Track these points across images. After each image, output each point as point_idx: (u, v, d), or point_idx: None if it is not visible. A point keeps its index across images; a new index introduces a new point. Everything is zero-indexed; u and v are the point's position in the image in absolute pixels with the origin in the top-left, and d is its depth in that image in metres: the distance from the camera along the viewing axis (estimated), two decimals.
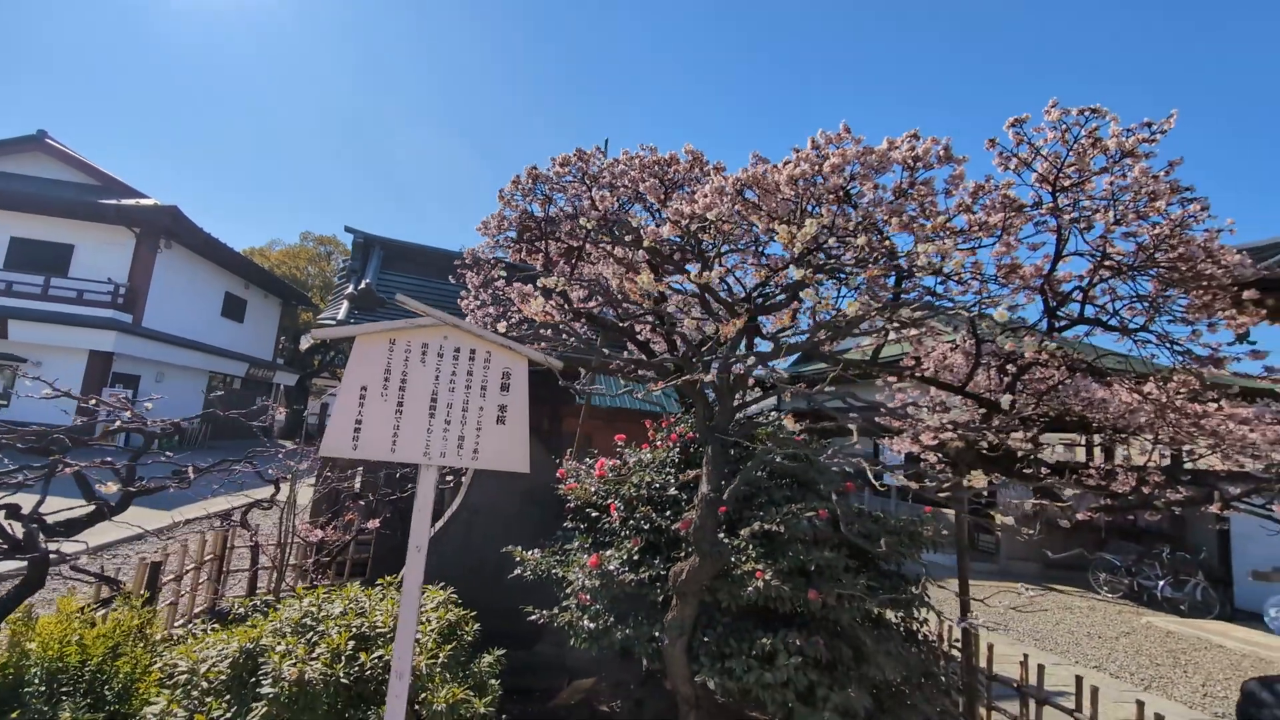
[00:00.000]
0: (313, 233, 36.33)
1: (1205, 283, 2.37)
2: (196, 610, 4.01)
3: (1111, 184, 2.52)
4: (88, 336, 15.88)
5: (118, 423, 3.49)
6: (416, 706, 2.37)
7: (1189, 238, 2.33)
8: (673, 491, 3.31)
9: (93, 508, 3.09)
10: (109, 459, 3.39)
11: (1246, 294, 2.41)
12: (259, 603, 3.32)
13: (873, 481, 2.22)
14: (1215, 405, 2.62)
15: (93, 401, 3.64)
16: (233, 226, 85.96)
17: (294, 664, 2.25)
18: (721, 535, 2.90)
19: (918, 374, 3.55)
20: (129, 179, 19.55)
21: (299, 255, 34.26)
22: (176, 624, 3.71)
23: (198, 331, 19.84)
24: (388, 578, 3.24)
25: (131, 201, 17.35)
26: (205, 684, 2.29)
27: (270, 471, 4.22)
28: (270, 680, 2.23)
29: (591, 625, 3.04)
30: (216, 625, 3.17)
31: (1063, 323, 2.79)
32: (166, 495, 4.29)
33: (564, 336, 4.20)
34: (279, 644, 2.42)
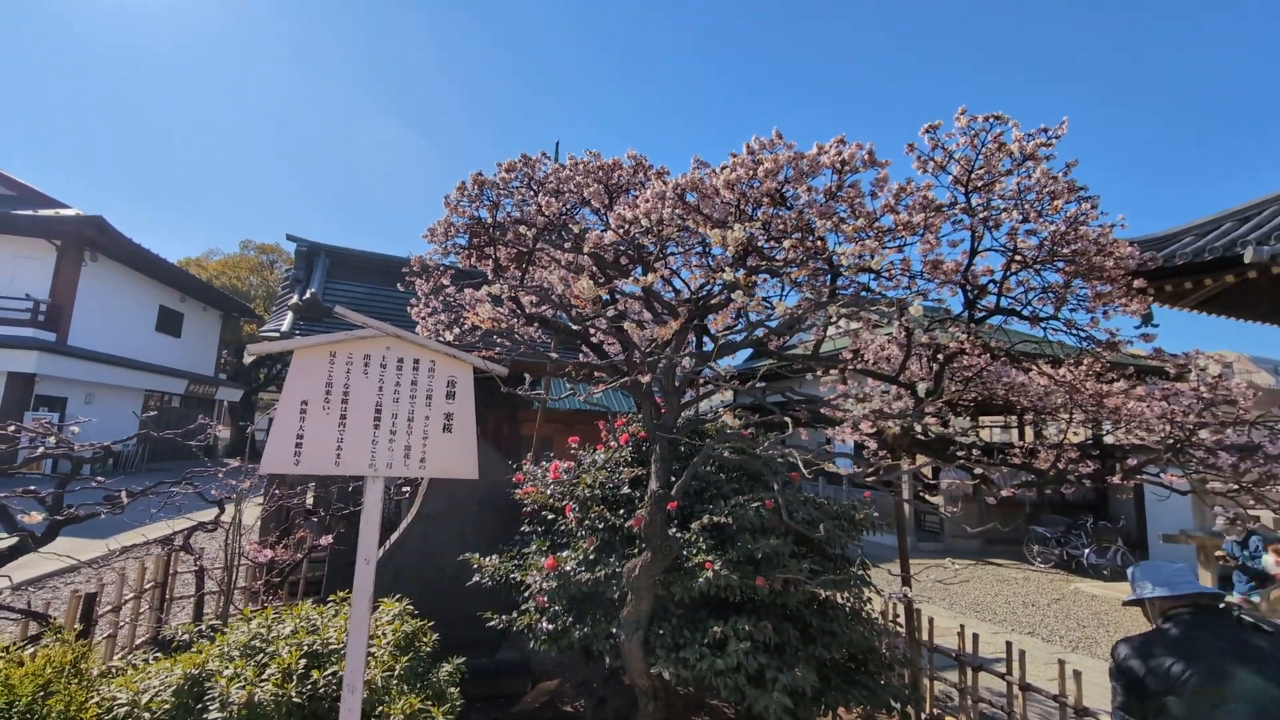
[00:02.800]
0: (253, 241, 34.66)
1: (1100, 274, 2.60)
2: (138, 641, 3.84)
3: (1018, 184, 2.72)
4: (5, 358, 14.79)
5: (40, 449, 3.31)
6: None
7: (1084, 233, 2.55)
8: (625, 490, 3.38)
9: (15, 540, 2.94)
10: (33, 488, 3.22)
11: (1136, 283, 2.65)
12: (204, 628, 3.21)
13: (804, 472, 2.34)
14: (1116, 385, 2.87)
15: (11, 428, 3.44)
16: (166, 237, 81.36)
17: (243, 687, 2.22)
18: (673, 529, 2.99)
19: (857, 366, 3.73)
20: (49, 189, 18.24)
21: (239, 265, 32.69)
22: (116, 656, 3.55)
23: (130, 348, 18.73)
24: (341, 593, 3.19)
25: (51, 212, 16.24)
26: (148, 715, 2.23)
27: (213, 492, 4.08)
28: (218, 705, 2.19)
29: (550, 626, 3.08)
30: (160, 655, 3.06)
31: (981, 313, 2.99)
32: (101, 523, 4.10)
33: (518, 341, 4.22)
34: (226, 668, 2.37)
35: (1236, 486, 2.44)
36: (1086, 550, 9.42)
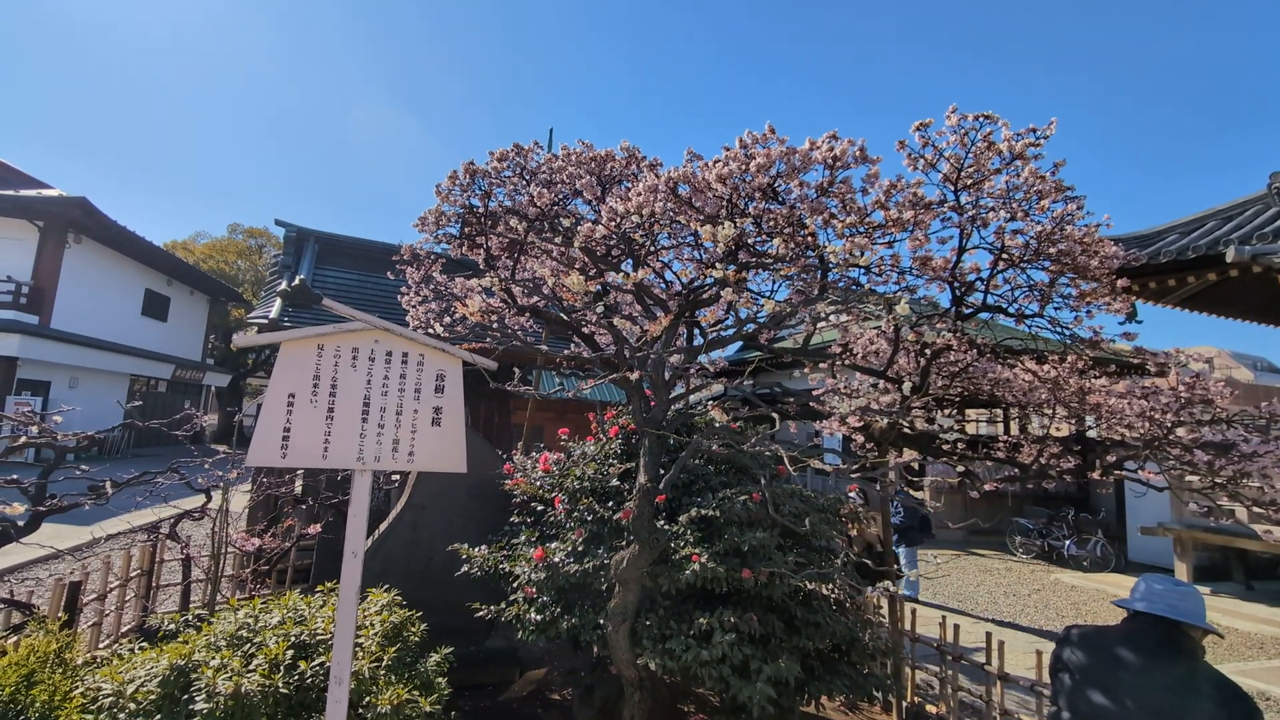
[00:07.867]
0: (241, 225, 34.21)
1: (1085, 273, 2.62)
2: (124, 630, 3.83)
3: (1007, 183, 2.74)
4: None
5: (22, 438, 3.27)
6: (360, 710, 2.38)
7: (1070, 232, 2.58)
8: (615, 482, 3.40)
9: None
10: (15, 476, 3.18)
11: (1119, 282, 2.68)
12: (191, 617, 3.21)
13: (789, 469, 2.36)
14: (1098, 382, 2.91)
15: None
16: (152, 219, 79.86)
17: (229, 677, 2.22)
18: (662, 522, 3.01)
19: (846, 360, 3.76)
20: (30, 169, 17.80)
21: (227, 249, 32.26)
22: (101, 646, 3.54)
23: (116, 332, 18.47)
24: (329, 584, 3.19)
25: (33, 192, 15.90)
26: (133, 705, 2.22)
27: (199, 480, 4.05)
28: (204, 696, 2.19)
29: (538, 617, 3.10)
30: (145, 644, 3.05)
31: (969, 310, 3.01)
32: (85, 510, 4.06)
33: (509, 332, 4.20)
34: (213, 658, 2.37)
35: (1212, 483, 2.49)
36: (1067, 542, 9.61)
